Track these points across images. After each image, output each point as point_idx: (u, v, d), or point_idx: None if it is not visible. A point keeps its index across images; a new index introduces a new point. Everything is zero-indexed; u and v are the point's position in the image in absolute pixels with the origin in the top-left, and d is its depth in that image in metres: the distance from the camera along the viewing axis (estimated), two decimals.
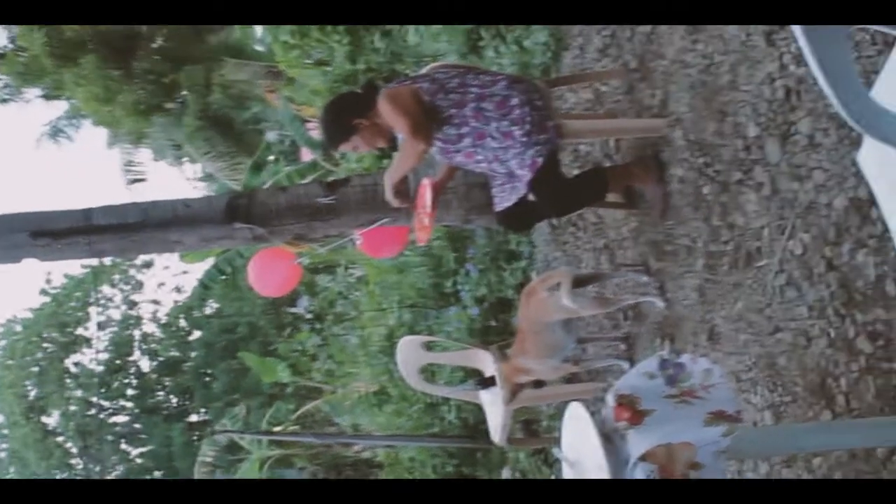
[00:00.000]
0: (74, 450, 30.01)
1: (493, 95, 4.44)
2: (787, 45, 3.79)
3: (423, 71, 4.84)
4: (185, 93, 20.29)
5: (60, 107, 21.86)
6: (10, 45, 20.63)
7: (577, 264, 6.27)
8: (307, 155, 15.18)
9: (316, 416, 13.92)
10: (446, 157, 4.64)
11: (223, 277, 14.69)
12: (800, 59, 3.69)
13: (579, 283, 4.93)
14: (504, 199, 4.83)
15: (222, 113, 19.91)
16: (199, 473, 15.50)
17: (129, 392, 31.12)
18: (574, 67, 6.21)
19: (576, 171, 5.95)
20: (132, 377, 31.32)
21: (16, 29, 19.08)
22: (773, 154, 3.86)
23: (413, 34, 8.39)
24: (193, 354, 30.41)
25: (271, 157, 17.57)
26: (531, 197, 4.61)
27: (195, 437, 26.74)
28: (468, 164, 4.69)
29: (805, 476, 3.66)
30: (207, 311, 29.84)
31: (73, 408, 29.35)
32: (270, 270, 6.96)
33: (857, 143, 3.03)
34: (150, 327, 31.93)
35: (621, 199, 5.39)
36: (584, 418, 3.11)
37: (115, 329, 31.09)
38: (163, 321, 31.87)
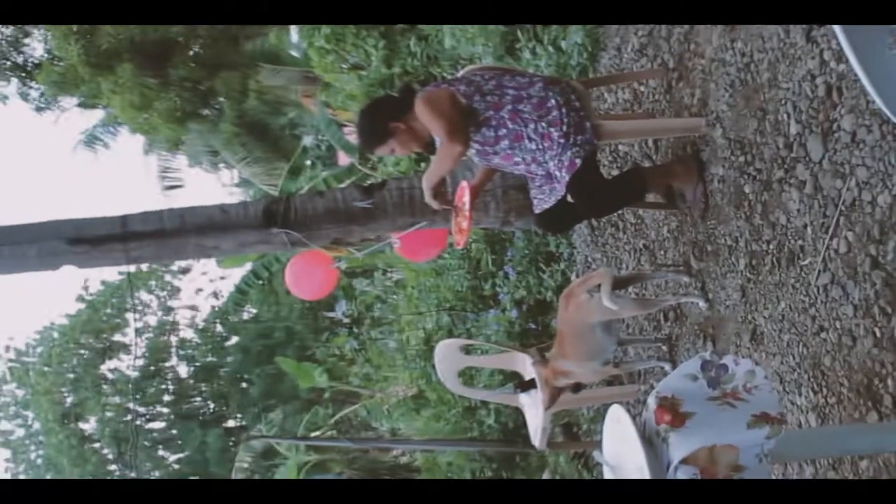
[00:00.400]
0: (110, 456, 30.22)
1: (531, 97, 4.41)
2: (827, 42, 3.75)
3: (460, 74, 4.84)
4: (221, 99, 20.39)
5: (97, 115, 22.02)
6: (47, 55, 20.81)
7: (618, 265, 6.24)
8: (344, 159, 15.26)
9: (353, 421, 13.95)
10: (484, 159, 4.62)
11: (259, 282, 14.74)
12: (840, 56, 3.65)
13: (620, 284, 4.90)
14: (543, 201, 4.80)
15: (259, 119, 19.99)
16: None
17: (166, 398, 31.32)
18: (611, 68, 6.19)
19: (615, 172, 5.92)
20: (169, 383, 31.52)
21: (52, 39, 19.24)
22: (815, 151, 3.82)
23: (449, 37, 8.39)
24: (230, 360, 30.55)
25: (308, 162, 17.64)
26: (570, 198, 4.58)
27: (231, 443, 26.85)
28: (506, 166, 4.67)
29: (852, 479, 3.62)
30: (244, 316, 29.97)
31: (109, 414, 29.54)
32: (308, 274, 6.99)
33: None
34: (187, 333, 32.16)
35: (661, 199, 5.35)
36: (624, 420, 3.08)
37: (152, 335, 31.29)
38: (199, 326, 32.05)
